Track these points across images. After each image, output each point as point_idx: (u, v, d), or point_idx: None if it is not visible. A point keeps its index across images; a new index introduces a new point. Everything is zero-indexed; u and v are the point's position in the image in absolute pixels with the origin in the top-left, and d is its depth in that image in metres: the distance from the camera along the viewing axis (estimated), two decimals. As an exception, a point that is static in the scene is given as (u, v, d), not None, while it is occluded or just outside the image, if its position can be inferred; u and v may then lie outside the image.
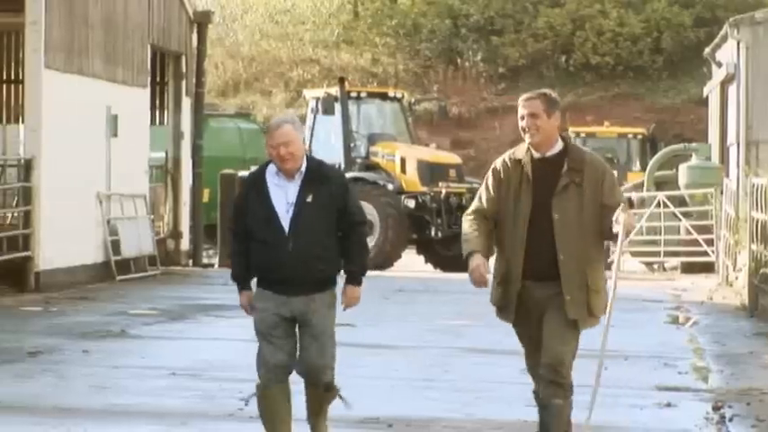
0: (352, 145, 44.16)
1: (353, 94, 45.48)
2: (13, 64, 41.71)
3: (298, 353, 13.31)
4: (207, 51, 45.16)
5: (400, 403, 18.83)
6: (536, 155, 13.04)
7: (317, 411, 13.39)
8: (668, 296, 35.94)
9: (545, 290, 13.15)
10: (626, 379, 21.05)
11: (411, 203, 43.32)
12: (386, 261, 42.40)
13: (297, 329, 13.26)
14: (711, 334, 27.57)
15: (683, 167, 47.54)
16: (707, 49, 57.32)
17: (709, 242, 44.78)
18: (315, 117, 45.21)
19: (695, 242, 45.40)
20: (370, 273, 13.39)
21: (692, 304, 33.83)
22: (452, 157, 46.62)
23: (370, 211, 42.32)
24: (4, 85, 43.92)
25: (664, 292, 37.07)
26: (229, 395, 18.96)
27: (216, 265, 44.18)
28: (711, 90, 56.10)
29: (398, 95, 47.38)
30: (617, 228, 12.73)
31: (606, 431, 17.04)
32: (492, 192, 13.20)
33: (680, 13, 71.78)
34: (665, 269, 46.89)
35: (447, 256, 42.94)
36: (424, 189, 43.49)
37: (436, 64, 67.10)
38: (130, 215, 39.05)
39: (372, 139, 44.45)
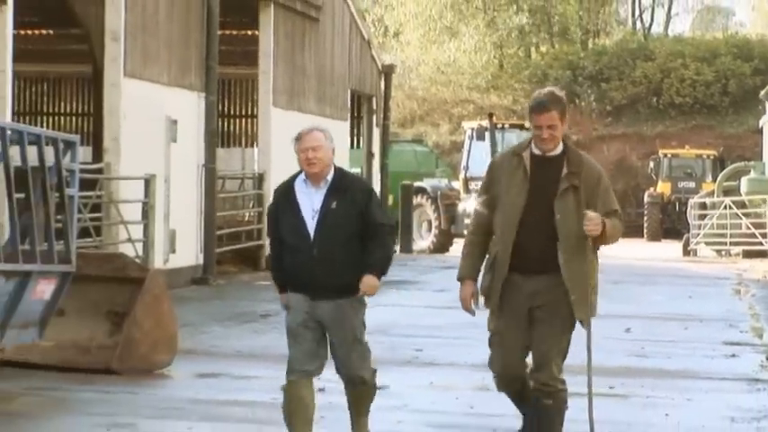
0: (497, 163, 44.13)
1: (499, 126, 45.40)
2: (250, 103, 41.99)
3: (326, 356, 10.96)
4: (391, 94, 45.22)
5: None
6: (536, 152, 10.37)
7: (359, 411, 11.15)
8: (733, 275, 35.63)
9: (535, 283, 10.34)
10: (700, 336, 21.01)
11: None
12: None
13: (325, 334, 10.86)
14: (766, 303, 27.34)
15: (744, 179, 47.36)
16: (762, 92, 56.96)
17: (764, 235, 44.81)
18: (471, 142, 45.32)
19: (753, 235, 45.33)
20: None
21: (750, 281, 33.55)
22: (572, 172, 46.59)
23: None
24: (244, 119, 44.32)
25: (729, 272, 36.79)
26: (408, 347, 18.98)
27: (397, 251, 44.33)
28: (765, 122, 55.73)
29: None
30: (584, 229, 10.17)
31: (685, 375, 16.98)
32: (488, 193, 10.58)
33: (742, 65, 71.08)
34: (730, 255, 46.64)
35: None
36: (552, 196, 43.42)
37: (560, 103, 66.88)
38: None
39: (513, 159, 44.40)
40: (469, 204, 43.61)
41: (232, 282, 29.77)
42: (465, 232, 44.69)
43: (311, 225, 10.59)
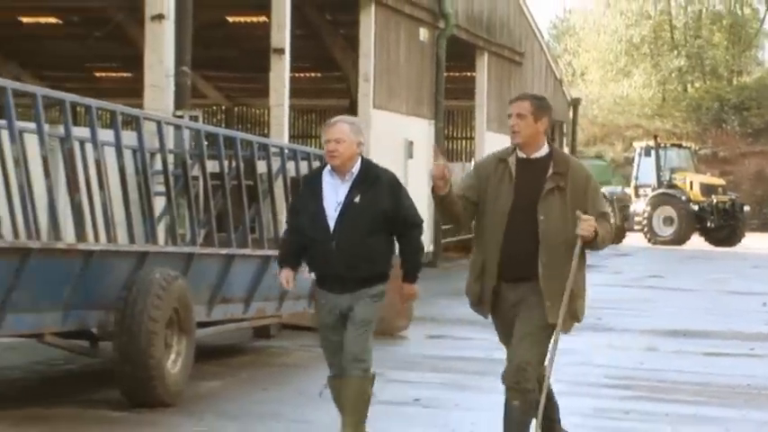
0: (661, 174, 43.65)
1: (662, 145, 44.95)
2: (468, 128, 42.06)
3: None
4: (577, 121, 45.12)
5: (690, 321, 18.52)
6: (521, 155, 8.05)
7: (345, 407, 8.52)
8: None
9: (517, 292, 7.96)
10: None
11: (695, 208, 42.58)
12: (681, 241, 41.81)
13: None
14: None
15: None
16: None
17: None
18: (640, 158, 45.06)
19: None
20: (667, 247, 12.06)
21: None
22: (720, 180, 45.72)
23: (669, 213, 42.17)
24: (464, 140, 44.41)
25: None
26: (590, 316, 18.83)
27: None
28: None
29: (688, 146, 46.82)
30: (577, 231, 7.88)
31: None
32: (472, 180, 8.15)
33: None
34: None
35: (717, 237, 42.38)
36: (703, 199, 42.78)
37: (710, 127, 65.52)
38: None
39: (673, 171, 43.91)
40: (638, 206, 43.45)
41: (454, 265, 29.85)
42: (635, 228, 44.71)
43: (332, 217, 8.30)
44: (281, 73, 22.03)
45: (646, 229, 42.58)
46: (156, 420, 9.70)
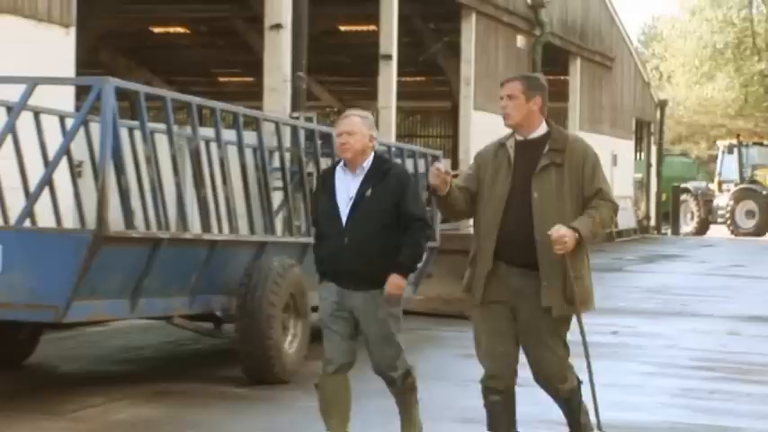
0: (743, 170, 43.06)
1: (744, 143, 44.32)
2: (562, 127, 41.67)
3: (356, 349, 7.61)
4: (664, 121, 44.64)
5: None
6: (519, 138, 7.09)
7: (401, 406, 7.74)
8: None
9: (522, 280, 6.83)
10: None
11: (776, 200, 42.20)
12: (762, 232, 41.25)
13: (358, 327, 7.54)
14: None
15: None
16: None
17: None
18: (723, 156, 44.55)
19: None
20: (749, 238, 11.65)
21: None
22: (800, 174, 45.31)
23: (751, 206, 41.66)
24: (557, 140, 44.21)
25: None
26: (677, 303, 18.72)
27: (669, 233, 43.87)
28: None
29: (768, 143, 46.35)
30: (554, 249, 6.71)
31: None
32: (471, 171, 7.17)
33: None
34: None
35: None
36: (784, 193, 42.36)
37: (789, 126, 64.72)
38: (624, 207, 38.91)
39: (754, 167, 43.29)
40: (721, 200, 42.90)
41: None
42: (719, 220, 44.12)
43: (344, 212, 7.45)
44: (388, 77, 22.10)
45: (729, 222, 42.11)
46: (275, 396, 9.75)
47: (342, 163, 7.53)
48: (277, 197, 12.19)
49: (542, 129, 7.13)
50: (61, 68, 13.41)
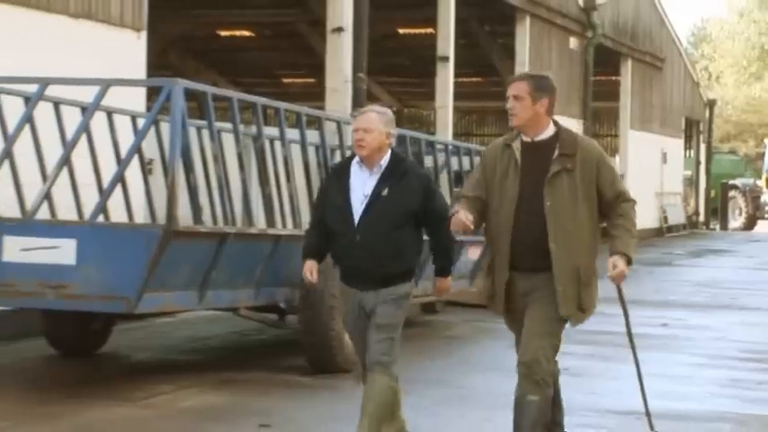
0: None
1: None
2: (613, 127, 41.45)
3: None
4: (713, 119, 44.32)
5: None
6: (526, 139, 6.58)
7: (365, 408, 6.87)
8: None
9: (530, 282, 6.52)
10: None
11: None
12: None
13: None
14: None
15: None
16: None
17: None
18: (765, 153, 44.31)
19: None
20: None
21: None
22: None
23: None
24: (609, 137, 43.86)
25: None
26: (725, 296, 18.56)
27: (717, 228, 43.53)
28: None
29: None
30: (610, 276, 6.64)
31: None
32: (479, 175, 6.71)
33: None
34: None
35: None
36: None
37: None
38: (674, 203, 38.71)
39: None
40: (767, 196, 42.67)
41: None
42: (766, 216, 43.79)
43: (358, 210, 6.89)
44: (445, 78, 22.09)
45: (776, 217, 41.82)
46: (337, 385, 9.76)
47: (357, 158, 6.99)
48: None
49: (550, 130, 6.61)
50: (133, 71, 13.50)
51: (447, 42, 21.86)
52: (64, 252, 8.83)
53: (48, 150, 10.33)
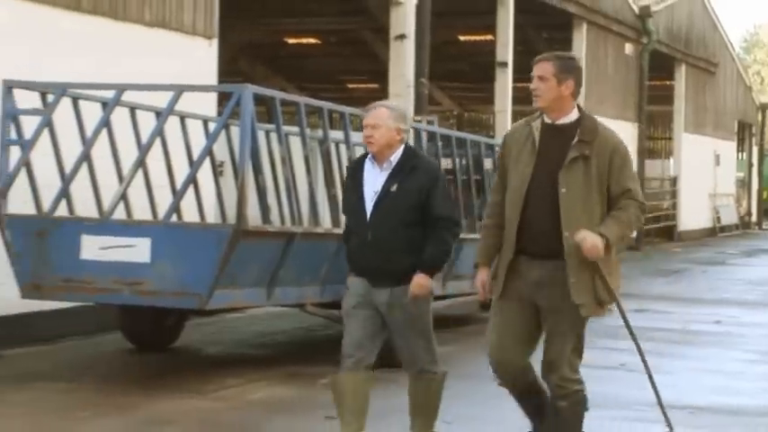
0: None
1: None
2: (667, 130, 41.15)
3: (380, 345, 6.79)
4: (766, 123, 43.89)
5: None
6: (547, 121, 6.08)
7: (417, 409, 6.86)
8: None
9: (543, 269, 5.95)
10: None
11: None
12: None
13: (383, 323, 6.65)
14: None
15: None
16: None
17: None
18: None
19: None
20: None
21: None
22: None
23: None
24: (663, 140, 43.57)
25: None
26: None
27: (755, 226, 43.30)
28: None
29: None
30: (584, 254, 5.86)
31: None
32: (500, 168, 6.30)
33: None
34: None
35: None
36: None
37: None
38: (726, 204, 38.33)
39: None
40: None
41: (655, 249, 29.39)
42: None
43: (369, 207, 6.53)
44: (504, 83, 22.06)
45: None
46: (400, 379, 9.71)
47: (370, 155, 6.62)
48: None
49: (573, 114, 6.07)
50: (204, 77, 13.57)
51: (506, 49, 21.83)
52: (139, 250, 8.90)
53: (124, 153, 10.41)
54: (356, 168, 6.69)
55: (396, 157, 6.56)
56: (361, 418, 6.61)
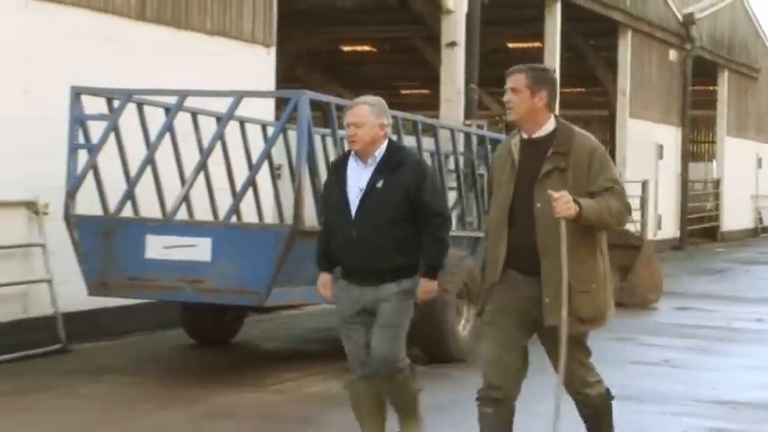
0: None
1: None
2: (711, 133, 40.76)
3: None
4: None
5: None
6: (524, 136, 5.63)
7: (397, 407, 6.50)
8: None
9: (531, 289, 5.44)
10: None
11: None
12: None
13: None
14: None
15: None
16: None
17: None
18: None
19: None
20: None
21: None
22: None
23: None
24: (706, 144, 43.20)
25: None
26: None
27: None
28: None
29: None
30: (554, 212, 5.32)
31: None
32: (491, 187, 5.85)
33: None
34: None
35: None
36: None
37: None
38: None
39: None
40: None
41: (698, 249, 29.13)
42: None
43: (354, 204, 6.16)
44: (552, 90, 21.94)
45: None
46: (450, 374, 9.72)
47: (354, 152, 6.28)
48: (451, 196, 12.15)
49: (549, 126, 5.63)
50: (263, 83, 13.62)
51: (553, 56, 21.74)
52: (200, 250, 8.95)
53: (186, 157, 10.47)
54: (339, 167, 6.36)
55: (380, 152, 6.25)
56: (381, 421, 6.44)
